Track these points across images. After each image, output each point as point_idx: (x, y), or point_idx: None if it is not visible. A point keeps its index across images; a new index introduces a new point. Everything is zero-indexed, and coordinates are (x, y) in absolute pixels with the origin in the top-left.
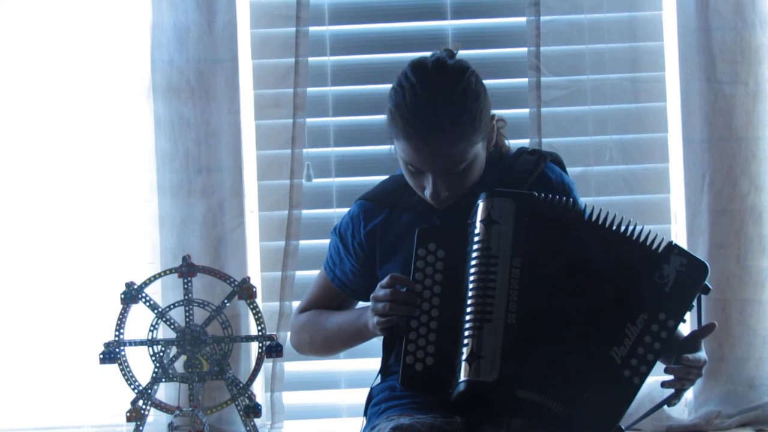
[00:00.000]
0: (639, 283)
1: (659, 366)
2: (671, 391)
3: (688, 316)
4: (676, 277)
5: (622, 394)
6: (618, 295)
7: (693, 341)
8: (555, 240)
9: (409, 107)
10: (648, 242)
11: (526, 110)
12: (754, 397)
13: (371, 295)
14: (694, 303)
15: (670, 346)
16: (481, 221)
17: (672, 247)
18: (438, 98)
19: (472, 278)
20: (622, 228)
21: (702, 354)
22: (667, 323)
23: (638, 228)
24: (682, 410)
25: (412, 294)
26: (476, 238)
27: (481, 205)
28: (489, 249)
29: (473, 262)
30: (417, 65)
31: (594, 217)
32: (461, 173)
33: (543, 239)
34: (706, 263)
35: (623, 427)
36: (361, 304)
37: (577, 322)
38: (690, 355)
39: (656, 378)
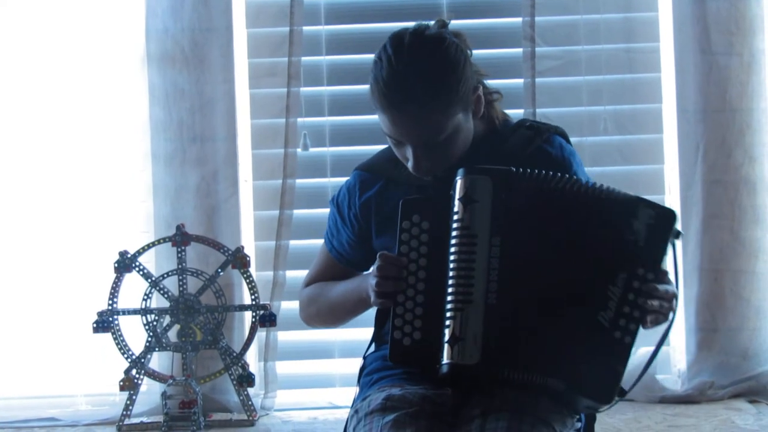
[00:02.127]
0: (613, 243)
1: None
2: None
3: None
4: (647, 230)
5: (617, 356)
6: (596, 260)
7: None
8: (534, 214)
9: (385, 80)
10: (612, 198)
11: (521, 80)
12: (747, 368)
13: (373, 270)
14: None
15: (654, 298)
16: (459, 199)
17: (638, 201)
18: (412, 70)
19: (452, 258)
20: (589, 189)
21: (668, 286)
22: (647, 276)
23: (599, 185)
24: (676, 381)
25: (400, 270)
26: (455, 217)
27: (459, 182)
28: (468, 228)
29: (453, 242)
30: (395, 37)
31: (572, 186)
32: (443, 145)
33: (522, 215)
34: (673, 210)
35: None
36: None
37: (561, 294)
38: (659, 286)
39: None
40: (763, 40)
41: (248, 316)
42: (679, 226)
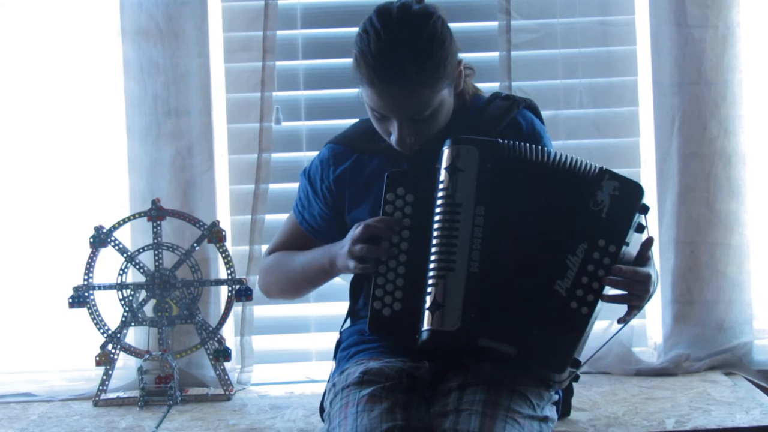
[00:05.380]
0: (575, 213)
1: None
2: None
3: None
4: (611, 201)
5: (572, 325)
6: (559, 230)
7: (640, 260)
8: (517, 186)
9: (373, 54)
10: (580, 170)
11: (496, 54)
12: (723, 340)
13: (350, 237)
14: (636, 224)
15: (617, 275)
16: (445, 169)
17: (603, 173)
18: (402, 44)
19: (436, 226)
20: (561, 161)
21: (645, 269)
22: (608, 249)
23: (572, 158)
24: (651, 353)
25: (391, 228)
26: (440, 186)
27: (445, 152)
28: (453, 197)
29: (437, 210)
30: (382, 11)
31: (552, 159)
32: (427, 119)
33: (506, 186)
34: (640, 184)
35: (582, 361)
36: None
37: (529, 264)
38: (623, 266)
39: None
40: (738, 12)
41: (224, 290)
42: (646, 200)
